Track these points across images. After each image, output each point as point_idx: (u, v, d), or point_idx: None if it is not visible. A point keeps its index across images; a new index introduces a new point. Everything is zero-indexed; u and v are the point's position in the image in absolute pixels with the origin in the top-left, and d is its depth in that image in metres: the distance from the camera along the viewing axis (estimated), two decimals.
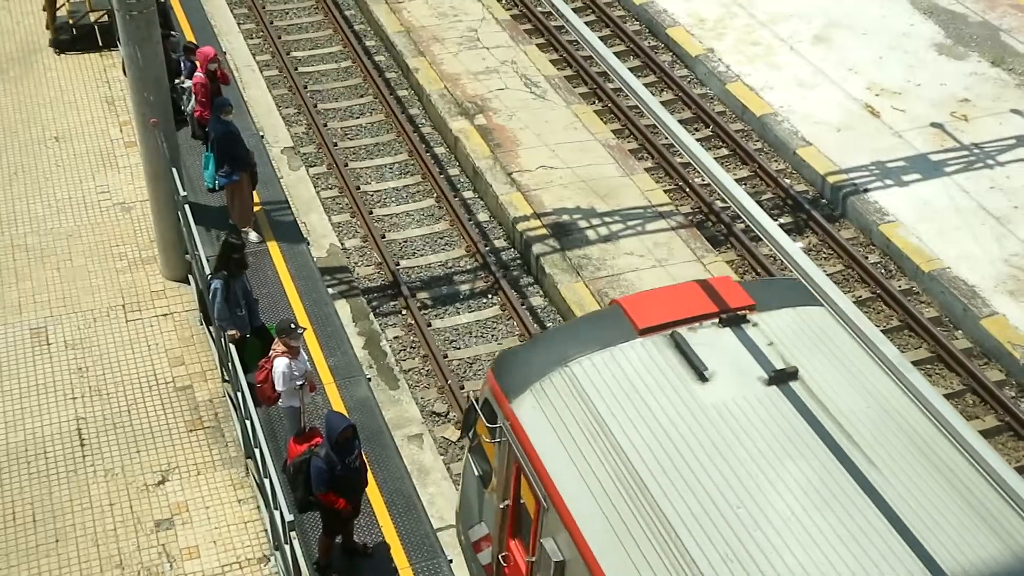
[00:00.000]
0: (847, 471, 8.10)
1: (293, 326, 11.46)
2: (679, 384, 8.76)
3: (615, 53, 19.76)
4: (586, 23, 20.66)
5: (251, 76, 19.96)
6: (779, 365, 8.85)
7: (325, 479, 10.42)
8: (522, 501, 9.53)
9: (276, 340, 11.61)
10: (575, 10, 21.33)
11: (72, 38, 19.33)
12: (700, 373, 8.78)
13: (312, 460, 10.48)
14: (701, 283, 9.79)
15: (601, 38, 20.37)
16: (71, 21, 19.41)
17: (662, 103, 18.54)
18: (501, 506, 9.84)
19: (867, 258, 16.43)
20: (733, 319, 9.27)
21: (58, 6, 19.49)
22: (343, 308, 14.94)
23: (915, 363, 14.50)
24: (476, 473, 10.41)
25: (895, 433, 8.47)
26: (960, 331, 15.41)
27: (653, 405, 8.62)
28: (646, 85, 19.30)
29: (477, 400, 10.15)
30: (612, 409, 8.66)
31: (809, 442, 8.31)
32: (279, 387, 11.45)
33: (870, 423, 8.50)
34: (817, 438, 8.34)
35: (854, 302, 15.50)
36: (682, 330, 9.16)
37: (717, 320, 9.28)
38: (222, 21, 21.25)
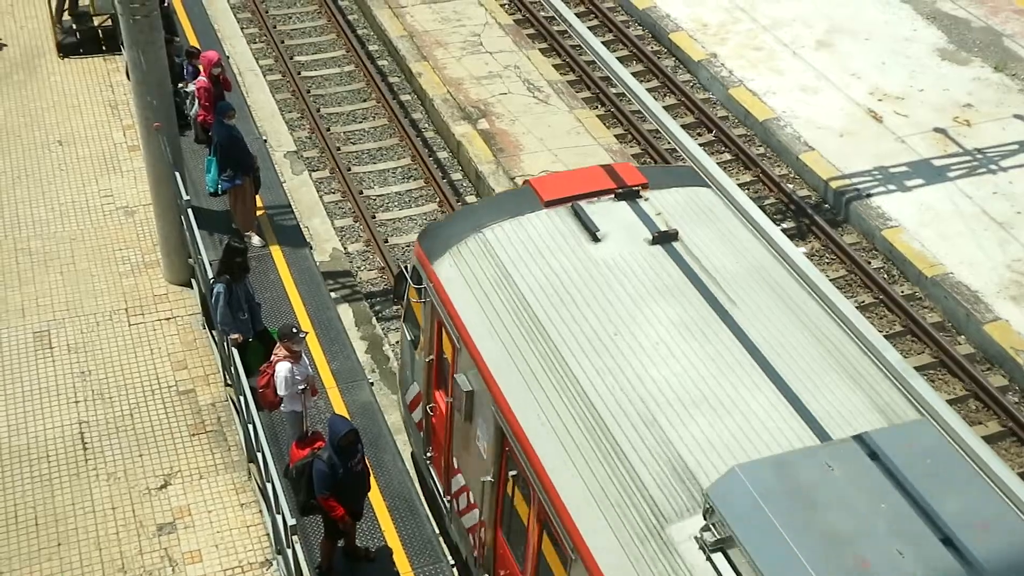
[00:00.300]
0: (712, 309, 9.52)
1: (295, 330, 11.47)
2: (575, 244, 10.20)
3: (618, 58, 19.77)
4: (589, 28, 20.67)
5: (254, 80, 19.99)
6: (662, 229, 10.27)
7: (327, 482, 10.42)
8: (445, 356, 10.88)
9: (278, 344, 11.62)
10: (578, 15, 21.36)
11: (76, 42, 19.36)
12: (593, 234, 10.21)
13: (315, 463, 10.48)
14: (604, 167, 11.23)
15: (604, 43, 20.36)
16: (75, 25, 19.45)
17: (665, 108, 18.55)
18: (427, 360, 11.31)
19: (870, 263, 16.43)
20: (627, 194, 10.72)
21: (65, 7, 19.53)
22: (346, 312, 14.95)
23: (918, 368, 14.49)
24: (409, 338, 11.96)
25: (759, 284, 9.86)
26: (963, 336, 15.40)
27: (551, 260, 10.07)
28: (649, 90, 19.31)
29: (406, 269, 11.65)
30: (516, 264, 10.12)
31: (681, 287, 9.73)
32: (281, 391, 11.45)
33: (737, 275, 9.92)
34: (689, 284, 9.76)
35: (857, 307, 15.49)
36: (582, 202, 10.57)
37: (613, 195, 10.72)
38: (225, 25, 21.28)
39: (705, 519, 7.76)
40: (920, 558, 7.30)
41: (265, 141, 17.36)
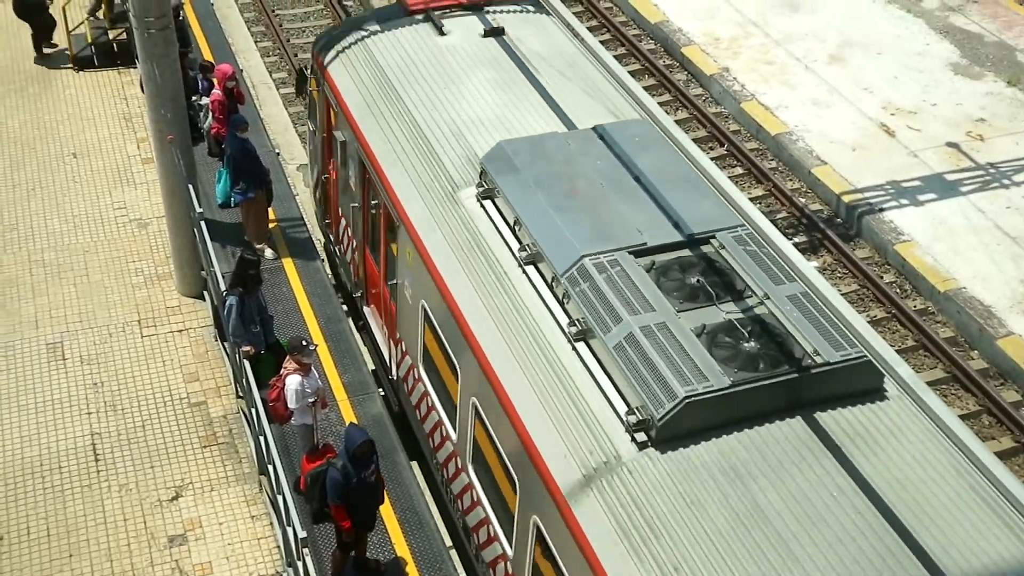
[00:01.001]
0: (518, 73, 12.71)
1: (305, 343, 11.49)
2: (426, 38, 13.45)
3: (630, 72, 19.80)
4: (601, 42, 20.73)
5: (268, 94, 20.08)
6: (492, 26, 13.43)
7: (340, 491, 10.43)
8: (334, 130, 13.93)
9: (288, 358, 11.63)
10: (590, 28, 21.40)
11: (90, 55, 19.48)
12: (440, 30, 13.44)
13: (328, 471, 10.49)
14: None
15: (616, 57, 20.41)
16: (90, 39, 19.57)
17: (677, 122, 18.57)
18: (322, 137, 14.74)
19: (882, 277, 16.39)
20: (471, 6, 13.80)
21: (92, 16, 19.65)
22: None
23: (930, 383, 14.44)
24: (311, 129, 15.59)
25: (559, 63, 12.96)
26: (976, 351, 15.35)
27: (408, 50, 13.33)
28: (661, 104, 19.32)
29: (305, 69, 16.02)
30: (383, 54, 13.41)
31: (499, 61, 12.93)
32: (291, 404, 11.46)
33: (542, 56, 13.01)
34: (507, 59, 12.93)
35: (869, 322, 15.47)
36: (436, 12, 13.71)
37: (462, 8, 13.83)
38: (239, 39, 21.39)
39: (480, 180, 11.04)
40: (607, 182, 10.54)
41: (278, 154, 17.42)
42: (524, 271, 10.16)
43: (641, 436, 8.54)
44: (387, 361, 13.30)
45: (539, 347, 9.65)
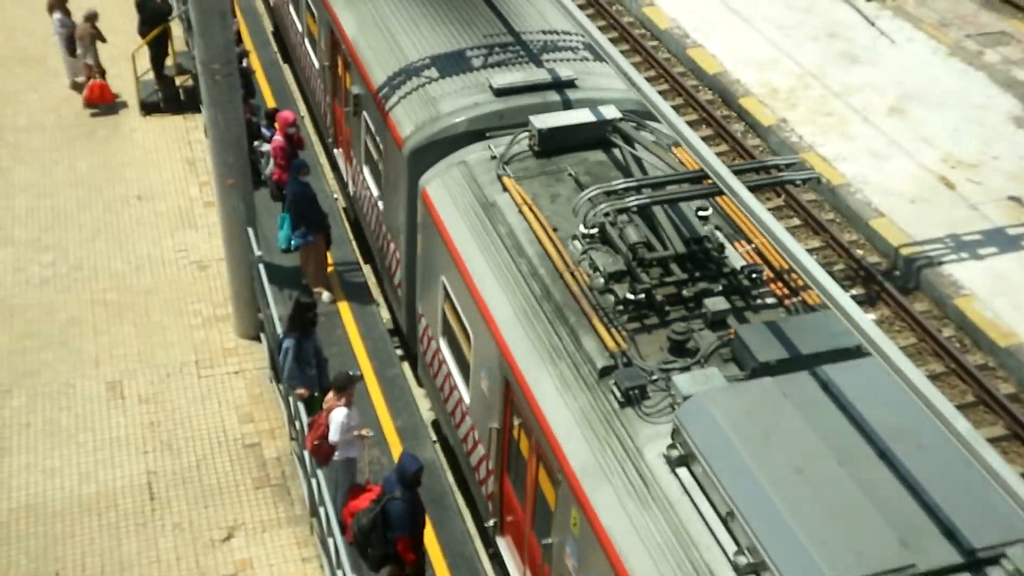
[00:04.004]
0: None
1: (351, 373, 11.59)
2: None
3: (687, 122, 19.83)
4: (659, 92, 20.82)
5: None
6: None
7: (408, 522, 10.49)
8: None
9: (331, 394, 11.69)
10: (648, 79, 21.50)
11: (157, 100, 19.93)
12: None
13: (391, 506, 10.51)
14: None
15: (674, 107, 20.48)
16: (157, 86, 20.05)
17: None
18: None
19: (941, 331, 16.16)
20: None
21: (165, 64, 20.16)
22: (411, 370, 15.03)
23: (991, 440, 14.17)
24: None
25: None
26: None
27: None
28: (718, 154, 19.31)
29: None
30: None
31: None
32: (334, 437, 11.51)
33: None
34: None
35: (928, 376, 15.23)
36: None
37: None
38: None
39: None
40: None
41: (336, 199, 17.64)
42: None
43: None
44: None
45: None
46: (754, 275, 10.08)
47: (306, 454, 11.89)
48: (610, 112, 12.09)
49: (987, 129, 19.98)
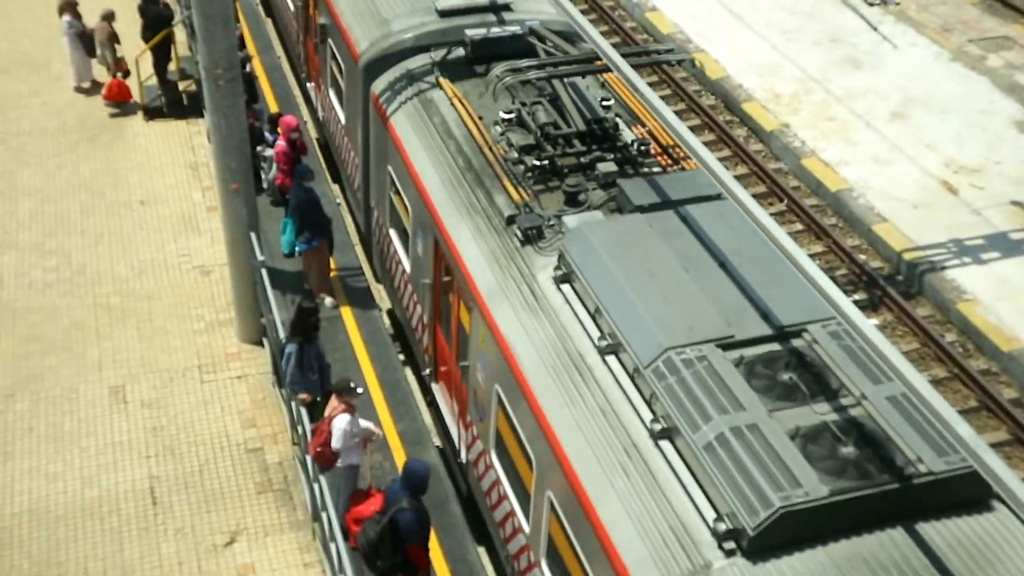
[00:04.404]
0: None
1: (353, 385, 11.59)
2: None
3: (690, 127, 19.85)
4: (661, 97, 20.84)
5: None
6: None
7: (418, 531, 10.54)
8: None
9: (334, 398, 11.71)
10: (651, 84, 21.53)
11: (160, 105, 19.97)
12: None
13: (401, 516, 10.49)
14: None
15: (676, 112, 20.50)
16: (160, 91, 20.09)
17: (736, 177, 18.56)
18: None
19: (944, 336, 16.16)
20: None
21: (168, 68, 20.21)
22: (413, 375, 15.05)
23: (993, 445, 14.17)
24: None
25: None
26: None
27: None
28: (720, 159, 19.33)
29: None
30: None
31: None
32: (336, 444, 11.51)
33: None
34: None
35: (931, 381, 15.24)
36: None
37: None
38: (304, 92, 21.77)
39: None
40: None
41: (339, 204, 17.65)
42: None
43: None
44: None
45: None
46: (642, 147, 12.08)
47: (308, 459, 11.89)
48: (535, 26, 13.80)
49: (990, 134, 19.98)
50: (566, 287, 10.44)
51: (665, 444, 8.92)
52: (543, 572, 10.35)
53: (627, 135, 12.35)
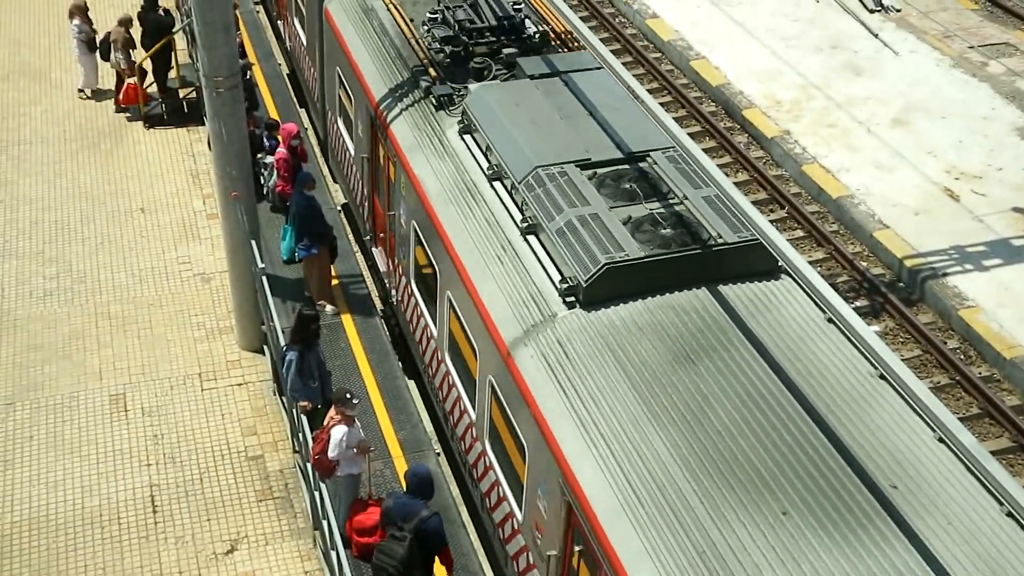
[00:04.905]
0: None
1: (349, 395, 11.56)
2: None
3: (690, 134, 19.85)
4: (661, 104, 20.85)
5: None
6: None
7: (444, 533, 10.68)
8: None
9: (332, 408, 11.69)
10: (650, 91, 21.53)
11: (161, 112, 19.98)
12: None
13: (429, 524, 10.47)
14: None
15: (676, 119, 20.50)
16: (160, 98, 20.10)
17: (736, 184, 18.56)
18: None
19: (946, 343, 16.13)
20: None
21: (161, 80, 20.23)
22: (414, 382, 15.02)
23: (995, 453, 14.13)
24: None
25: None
26: None
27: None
28: (721, 166, 19.33)
29: None
30: None
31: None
32: (332, 453, 11.48)
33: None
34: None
35: (932, 388, 15.22)
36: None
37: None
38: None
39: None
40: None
41: (340, 211, 17.64)
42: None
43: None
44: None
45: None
46: (540, 36, 14.39)
47: (309, 467, 11.86)
48: None
49: (991, 140, 19.97)
50: (467, 136, 13.02)
51: (531, 237, 11.37)
52: (447, 365, 12.90)
53: (531, 28, 14.59)
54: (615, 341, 9.98)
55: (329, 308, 15.26)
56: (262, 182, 16.94)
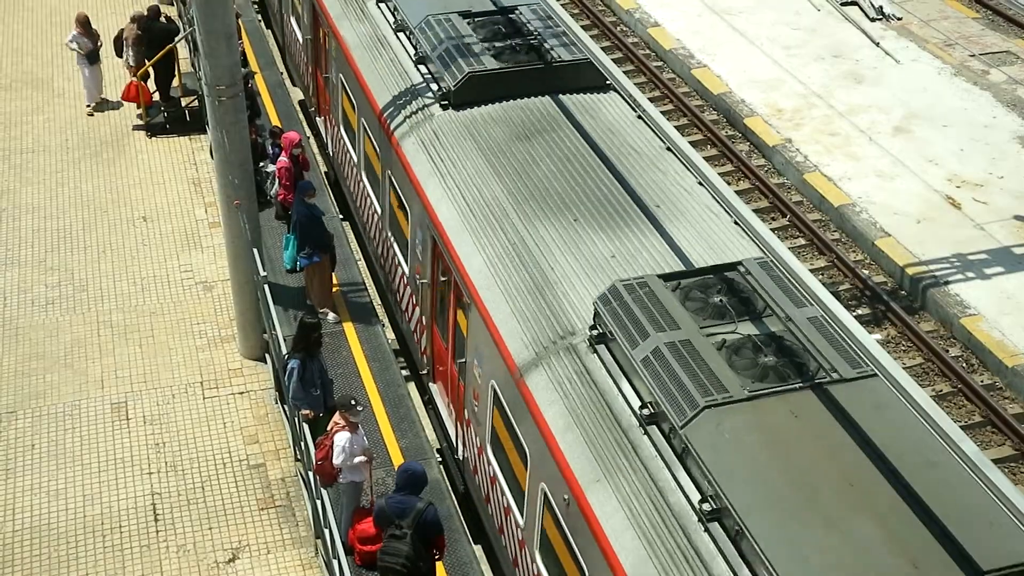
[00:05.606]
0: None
1: (353, 402, 11.57)
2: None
3: (691, 142, 19.86)
4: (662, 112, 20.85)
5: None
6: None
7: (439, 520, 10.86)
8: None
9: (336, 414, 11.69)
10: (652, 100, 21.55)
11: (163, 121, 20.01)
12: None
13: (427, 514, 10.64)
14: None
15: (678, 127, 20.52)
16: (163, 107, 20.13)
17: (738, 192, 18.56)
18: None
19: (948, 351, 16.11)
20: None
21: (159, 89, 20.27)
22: (416, 390, 15.02)
23: (997, 461, 14.11)
24: None
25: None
26: None
27: None
28: (722, 175, 19.33)
29: None
30: None
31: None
32: (336, 460, 11.49)
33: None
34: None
35: (934, 396, 15.20)
36: None
37: None
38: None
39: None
40: None
41: (342, 219, 17.65)
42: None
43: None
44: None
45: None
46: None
47: (311, 475, 11.86)
48: None
49: (992, 148, 19.98)
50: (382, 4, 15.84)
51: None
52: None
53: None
54: (474, 129, 12.89)
55: (331, 316, 15.27)
56: (265, 190, 16.95)
